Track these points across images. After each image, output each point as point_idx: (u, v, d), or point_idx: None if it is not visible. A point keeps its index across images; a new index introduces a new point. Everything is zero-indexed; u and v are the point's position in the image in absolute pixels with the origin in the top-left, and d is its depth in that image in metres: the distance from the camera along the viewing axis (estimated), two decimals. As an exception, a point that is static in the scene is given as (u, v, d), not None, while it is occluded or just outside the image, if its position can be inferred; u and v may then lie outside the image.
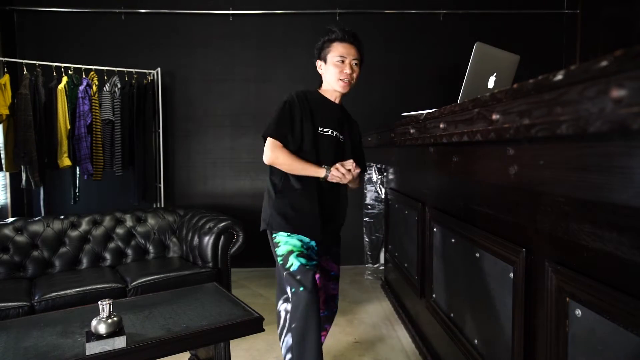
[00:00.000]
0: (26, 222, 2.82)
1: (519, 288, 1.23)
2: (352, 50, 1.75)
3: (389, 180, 3.24)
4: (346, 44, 1.75)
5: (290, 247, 1.70)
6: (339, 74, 1.75)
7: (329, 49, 1.76)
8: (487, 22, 4.04)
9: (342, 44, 1.74)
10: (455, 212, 1.76)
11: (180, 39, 3.89)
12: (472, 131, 1.20)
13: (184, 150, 4.01)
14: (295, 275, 1.64)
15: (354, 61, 1.76)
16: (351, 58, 1.75)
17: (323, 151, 1.74)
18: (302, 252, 1.69)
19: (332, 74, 1.76)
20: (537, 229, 1.15)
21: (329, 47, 1.76)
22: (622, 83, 0.62)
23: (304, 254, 1.69)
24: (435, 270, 2.02)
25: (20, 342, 1.52)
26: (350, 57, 1.74)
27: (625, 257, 0.84)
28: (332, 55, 1.75)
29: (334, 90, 1.80)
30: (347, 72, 1.74)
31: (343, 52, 1.74)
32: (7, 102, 3.06)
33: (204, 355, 1.94)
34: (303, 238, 1.74)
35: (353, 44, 1.76)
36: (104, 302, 1.48)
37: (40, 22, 3.77)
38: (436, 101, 2.26)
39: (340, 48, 1.74)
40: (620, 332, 0.84)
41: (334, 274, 1.95)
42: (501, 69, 1.79)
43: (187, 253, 2.98)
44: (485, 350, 1.50)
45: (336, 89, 1.79)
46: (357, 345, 2.45)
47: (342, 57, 1.74)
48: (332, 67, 1.75)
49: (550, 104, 0.80)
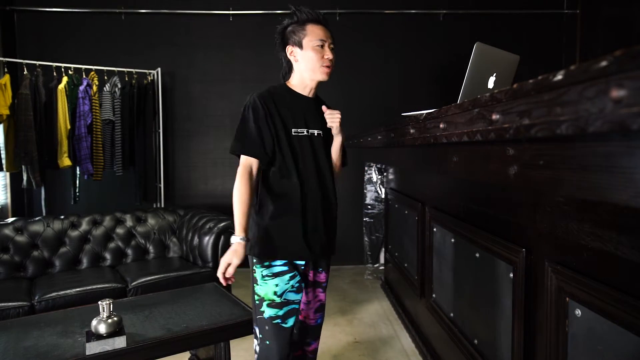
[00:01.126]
0: (26, 222, 2.82)
1: (519, 288, 1.23)
2: (327, 32, 1.53)
3: (389, 180, 3.24)
4: (321, 25, 1.52)
5: (264, 293, 1.50)
6: (321, 60, 1.50)
7: (304, 33, 1.51)
8: (487, 22, 4.04)
9: (317, 26, 1.51)
10: (455, 212, 1.76)
11: (180, 39, 3.89)
12: (472, 131, 1.20)
13: (184, 150, 4.01)
14: (265, 325, 1.50)
15: (331, 45, 1.53)
16: (330, 41, 1.52)
17: (302, 156, 1.51)
18: (273, 302, 1.49)
19: (311, 60, 1.50)
20: (537, 229, 1.15)
21: (303, 30, 1.51)
22: (622, 83, 0.62)
23: (276, 303, 1.49)
24: (435, 270, 2.02)
25: (21, 342, 1.52)
26: (329, 41, 1.52)
27: (625, 257, 0.84)
28: (309, 40, 1.50)
29: (310, 80, 1.55)
30: (328, 58, 1.50)
31: (322, 35, 1.50)
32: (7, 102, 3.06)
33: (204, 355, 1.94)
34: (280, 280, 1.49)
35: (327, 26, 1.54)
36: (104, 302, 1.48)
37: (40, 22, 3.77)
38: (436, 101, 2.26)
39: (317, 30, 1.50)
40: (620, 332, 0.84)
41: (324, 284, 1.69)
42: (501, 69, 1.79)
43: (187, 253, 2.98)
44: (485, 350, 1.50)
45: (316, 79, 1.54)
46: (357, 345, 2.45)
47: (322, 41, 1.50)
48: (311, 52, 1.49)
49: (550, 104, 0.80)
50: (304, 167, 1.51)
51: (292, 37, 1.53)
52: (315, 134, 1.55)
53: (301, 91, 1.57)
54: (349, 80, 3.94)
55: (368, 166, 3.95)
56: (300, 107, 1.54)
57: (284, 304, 1.49)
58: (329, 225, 1.58)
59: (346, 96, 3.85)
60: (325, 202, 1.55)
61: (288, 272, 1.51)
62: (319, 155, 1.55)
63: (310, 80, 1.55)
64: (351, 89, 3.95)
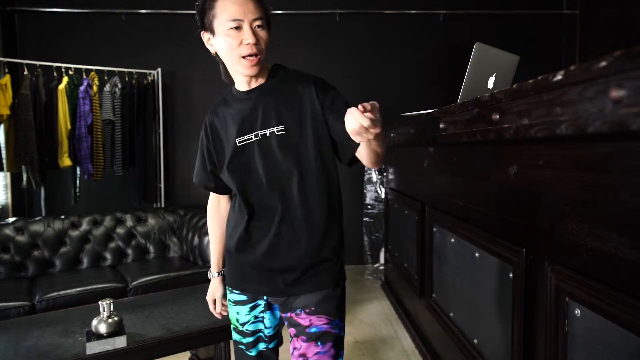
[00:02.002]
0: (27, 222, 2.82)
1: (518, 288, 1.24)
2: (249, 5, 1.06)
3: (389, 180, 3.24)
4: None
5: (230, 316, 1.32)
6: (237, 49, 1.07)
7: (214, 12, 1.08)
8: (487, 22, 4.04)
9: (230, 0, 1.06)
10: (455, 212, 1.76)
11: (180, 39, 3.89)
12: (472, 131, 1.20)
13: (184, 150, 4.01)
14: (234, 345, 1.33)
15: (255, 23, 1.07)
16: (251, 18, 1.06)
17: (246, 170, 1.17)
18: (237, 329, 1.29)
19: (226, 49, 1.09)
20: (537, 229, 1.15)
21: (212, 9, 1.08)
22: (621, 83, 0.62)
23: (239, 330, 1.28)
24: (435, 270, 2.02)
25: (21, 341, 1.52)
26: (249, 17, 1.06)
27: (625, 257, 0.84)
28: (220, 21, 1.07)
29: (237, 73, 1.16)
30: (249, 42, 1.06)
31: (236, 12, 1.05)
32: (7, 102, 3.06)
33: (204, 355, 1.94)
34: (241, 309, 1.26)
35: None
36: (105, 301, 1.48)
37: (40, 22, 3.77)
38: (436, 101, 2.26)
39: (229, 6, 1.05)
40: (620, 332, 0.84)
41: (308, 330, 1.17)
42: (501, 69, 1.79)
43: (187, 253, 2.98)
44: (485, 350, 1.50)
45: (239, 72, 1.14)
46: (357, 345, 2.45)
47: (238, 20, 1.05)
48: (224, 38, 1.08)
49: (550, 104, 0.81)
50: (249, 182, 1.17)
51: (204, 19, 1.11)
52: (267, 134, 1.14)
53: (241, 87, 1.19)
54: (349, 80, 3.95)
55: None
56: (242, 107, 1.18)
57: (246, 334, 1.27)
58: (302, 248, 1.15)
59: (346, 96, 3.85)
60: (292, 220, 1.15)
61: (248, 302, 1.25)
62: (275, 159, 1.14)
63: (238, 74, 1.16)
64: (351, 89, 3.96)
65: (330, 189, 1.17)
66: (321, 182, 1.15)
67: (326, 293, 1.17)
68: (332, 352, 1.17)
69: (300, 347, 1.18)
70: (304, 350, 1.17)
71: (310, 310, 1.16)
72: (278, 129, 1.14)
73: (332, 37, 4.00)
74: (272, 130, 1.14)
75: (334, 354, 1.18)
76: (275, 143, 1.14)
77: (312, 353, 1.16)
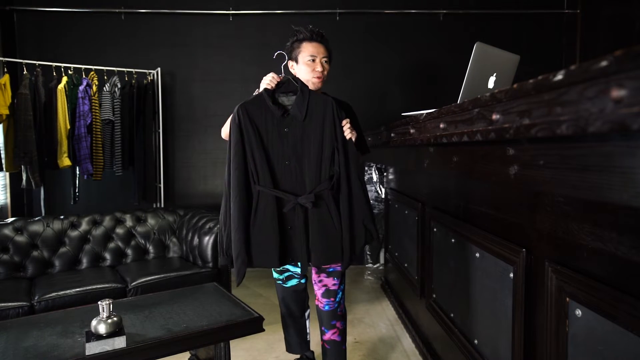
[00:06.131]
0: (26, 222, 2.82)
1: (519, 288, 1.23)
2: (320, 48, 1.82)
3: (389, 180, 3.24)
4: (315, 42, 1.81)
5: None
6: (311, 73, 1.81)
7: (299, 50, 1.82)
8: (487, 22, 4.04)
9: (311, 44, 1.81)
10: (455, 212, 1.76)
11: (180, 39, 3.89)
12: (472, 131, 1.20)
13: (184, 150, 4.01)
14: (275, 282, 2.03)
15: (323, 59, 1.83)
16: (321, 56, 1.82)
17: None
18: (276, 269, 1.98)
19: (304, 73, 1.82)
20: (537, 229, 1.15)
21: (298, 47, 1.82)
22: (622, 83, 0.62)
23: (277, 270, 1.99)
24: (435, 270, 2.02)
25: (20, 342, 1.52)
26: (320, 56, 1.81)
27: (625, 257, 0.84)
28: (302, 55, 1.81)
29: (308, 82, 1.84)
30: (318, 70, 1.81)
31: (313, 51, 1.80)
32: (7, 102, 3.05)
33: (204, 355, 1.94)
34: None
35: (321, 43, 1.83)
36: (104, 302, 1.48)
37: (40, 22, 3.77)
38: (436, 101, 2.26)
39: (310, 47, 1.81)
40: (620, 332, 0.84)
41: (329, 269, 1.82)
42: (501, 69, 1.79)
43: (187, 253, 2.98)
44: (485, 350, 1.50)
45: (310, 83, 1.84)
46: (357, 345, 2.45)
47: (313, 56, 1.80)
48: (304, 66, 1.82)
49: (550, 104, 0.80)
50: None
51: (292, 53, 1.86)
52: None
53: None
54: (349, 80, 3.94)
55: (368, 166, 3.95)
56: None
57: (282, 271, 1.97)
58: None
59: (346, 96, 3.83)
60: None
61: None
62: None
63: (309, 83, 1.82)
64: (351, 89, 3.95)
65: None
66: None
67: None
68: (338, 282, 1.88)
69: (323, 280, 1.85)
70: (329, 284, 1.85)
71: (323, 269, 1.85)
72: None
73: (332, 37, 3.99)
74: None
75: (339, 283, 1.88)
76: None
77: (330, 284, 1.85)
